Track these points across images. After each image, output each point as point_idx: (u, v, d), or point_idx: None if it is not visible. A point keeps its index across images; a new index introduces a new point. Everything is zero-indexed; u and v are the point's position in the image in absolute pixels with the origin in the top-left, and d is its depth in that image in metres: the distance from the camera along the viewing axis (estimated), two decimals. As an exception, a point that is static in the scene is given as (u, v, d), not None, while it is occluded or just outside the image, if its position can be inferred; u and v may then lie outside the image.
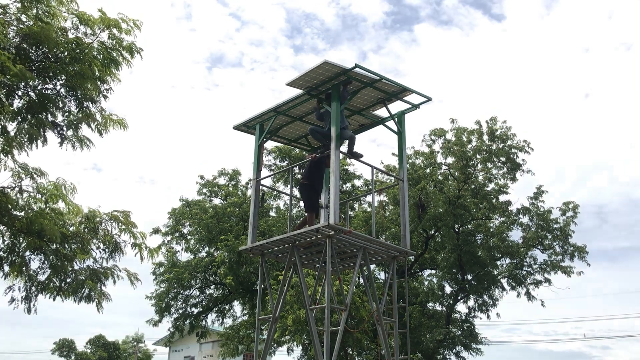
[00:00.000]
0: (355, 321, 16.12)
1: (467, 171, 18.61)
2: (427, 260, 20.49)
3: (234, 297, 20.54)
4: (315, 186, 11.34)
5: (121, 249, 8.47)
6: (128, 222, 8.41)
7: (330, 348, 10.00)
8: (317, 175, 11.27)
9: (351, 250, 11.23)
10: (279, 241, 10.93)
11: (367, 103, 11.59)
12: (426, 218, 18.58)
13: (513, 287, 19.22)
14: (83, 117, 7.72)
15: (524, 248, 18.79)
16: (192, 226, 21.07)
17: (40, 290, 7.99)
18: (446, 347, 19.81)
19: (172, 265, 20.18)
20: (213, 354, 46.57)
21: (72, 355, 54.37)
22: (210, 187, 21.69)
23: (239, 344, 20.46)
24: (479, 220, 18.94)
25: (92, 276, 8.15)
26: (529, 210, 18.88)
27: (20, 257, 7.92)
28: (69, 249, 7.93)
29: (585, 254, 18.36)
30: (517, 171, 18.51)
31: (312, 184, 11.26)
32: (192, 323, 20.86)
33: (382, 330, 10.83)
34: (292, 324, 15.79)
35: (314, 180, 11.26)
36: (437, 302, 20.18)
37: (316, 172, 11.22)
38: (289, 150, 20.03)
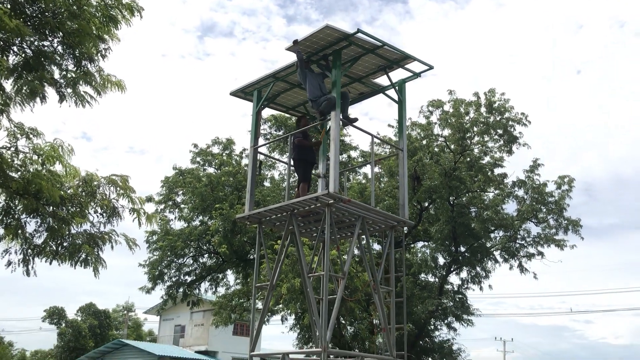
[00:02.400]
0: (349, 291, 16.16)
1: (463, 143, 18.53)
2: (420, 232, 20.53)
3: (228, 266, 20.53)
4: (309, 159, 11.37)
5: (119, 214, 8.34)
6: (126, 187, 8.25)
7: (327, 316, 10.00)
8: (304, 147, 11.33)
9: (349, 219, 11.18)
10: (277, 209, 10.84)
11: (368, 70, 11.40)
12: (421, 190, 18.55)
13: (506, 260, 19.36)
14: (81, 76, 7.48)
15: (518, 221, 18.86)
16: (185, 195, 20.93)
17: (36, 253, 7.86)
18: (438, 317, 20.00)
19: (166, 234, 20.09)
20: (204, 323, 46.90)
21: (63, 322, 54.50)
22: (204, 156, 21.49)
23: (232, 312, 20.51)
24: (474, 193, 18.95)
25: (90, 241, 8.03)
26: (524, 183, 18.90)
27: (16, 220, 7.77)
28: (67, 212, 7.78)
29: (579, 227, 18.47)
30: (513, 144, 18.47)
31: (305, 158, 11.31)
32: (185, 291, 20.86)
33: (379, 298, 10.84)
34: (286, 292, 15.82)
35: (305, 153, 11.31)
36: (430, 273, 20.30)
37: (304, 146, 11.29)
38: (285, 119, 19.83)
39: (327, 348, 9.39)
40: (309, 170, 11.64)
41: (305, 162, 11.40)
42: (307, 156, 11.36)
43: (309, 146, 11.45)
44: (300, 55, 10.24)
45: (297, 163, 11.48)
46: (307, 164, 11.48)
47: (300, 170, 11.45)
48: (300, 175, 11.47)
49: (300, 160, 11.39)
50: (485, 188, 18.94)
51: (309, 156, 11.42)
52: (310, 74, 10.51)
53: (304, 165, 11.45)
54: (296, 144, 11.21)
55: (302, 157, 11.32)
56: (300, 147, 11.26)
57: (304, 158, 11.33)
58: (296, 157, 11.40)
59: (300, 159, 11.33)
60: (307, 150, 11.40)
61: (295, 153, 11.37)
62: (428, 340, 20.44)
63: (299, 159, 11.33)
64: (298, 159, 11.35)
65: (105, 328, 56.80)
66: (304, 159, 11.32)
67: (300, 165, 11.46)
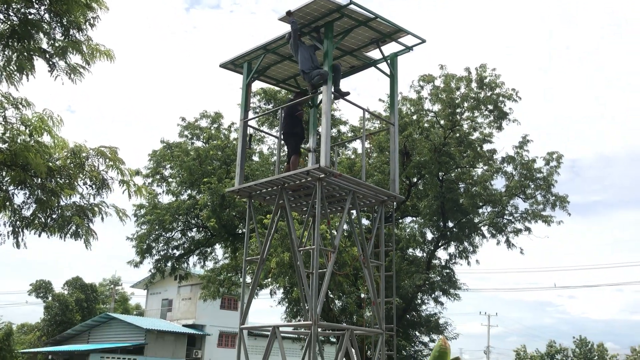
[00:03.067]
0: (338, 265, 16.23)
1: (454, 119, 18.51)
2: (408, 208, 20.61)
3: (216, 240, 20.50)
4: (298, 132, 11.34)
5: (108, 185, 8.23)
6: (115, 159, 8.13)
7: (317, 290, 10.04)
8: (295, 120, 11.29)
9: (340, 194, 11.17)
10: (267, 183, 10.80)
11: (360, 43, 11.29)
12: (410, 166, 18.56)
13: (493, 235, 19.51)
14: (70, 44, 7.28)
15: (507, 197, 18.97)
16: (173, 168, 20.75)
17: (25, 225, 7.75)
18: (425, 292, 20.20)
19: (154, 208, 19.97)
20: (191, 297, 47.06)
21: (49, 296, 54.41)
22: (192, 130, 21.26)
23: (220, 286, 20.55)
24: (463, 169, 18.99)
25: (79, 212, 7.92)
26: (513, 159, 18.97)
27: (4, 192, 7.63)
28: (55, 183, 7.66)
29: (566, 203, 18.63)
30: (503, 120, 18.47)
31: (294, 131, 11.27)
32: (173, 265, 20.83)
33: (369, 272, 10.90)
34: (275, 266, 15.86)
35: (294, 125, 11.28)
36: (418, 248, 20.43)
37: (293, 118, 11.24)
38: (274, 93, 19.63)
39: (317, 321, 9.44)
40: (299, 143, 11.62)
41: (296, 136, 11.37)
42: (298, 129, 11.32)
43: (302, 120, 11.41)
44: (296, 25, 10.09)
45: (287, 137, 11.43)
46: (298, 138, 11.45)
47: (291, 143, 11.41)
48: (291, 148, 11.42)
49: (291, 134, 11.34)
50: (475, 164, 18.99)
51: (299, 129, 11.38)
52: (302, 45, 10.38)
53: (294, 139, 11.41)
54: (297, 116, 11.14)
55: (294, 131, 11.27)
56: (292, 120, 11.19)
57: (296, 132, 11.28)
58: (287, 130, 11.33)
59: (292, 133, 11.28)
60: (298, 123, 11.35)
61: (286, 126, 11.29)
62: (415, 314, 20.68)
63: (291, 133, 11.28)
64: (290, 132, 11.30)
65: (92, 302, 56.81)
66: (295, 133, 11.28)
67: (291, 139, 11.42)
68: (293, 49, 10.42)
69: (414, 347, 20.97)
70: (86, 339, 47.38)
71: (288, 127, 11.27)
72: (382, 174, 17.88)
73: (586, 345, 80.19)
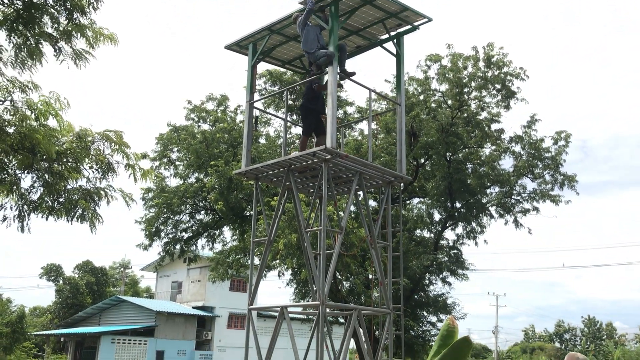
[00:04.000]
0: (345, 246, 16.26)
1: (461, 98, 18.36)
2: (416, 189, 20.56)
3: (224, 222, 20.56)
4: (317, 108, 11.11)
5: (114, 169, 8.23)
6: (121, 142, 8.13)
7: (324, 270, 10.07)
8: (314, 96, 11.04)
9: (346, 175, 11.15)
10: (274, 165, 10.79)
11: (366, 22, 11.18)
12: (417, 146, 18.48)
13: (501, 215, 19.46)
14: (74, 27, 7.23)
15: (515, 177, 18.88)
16: (180, 152, 20.76)
17: (32, 209, 7.79)
18: (433, 272, 20.23)
19: (161, 191, 20.03)
20: (201, 279, 47.43)
21: (60, 279, 54.99)
22: (198, 112, 21.22)
23: (229, 268, 20.67)
24: (471, 149, 18.89)
25: (86, 196, 7.95)
26: (521, 138, 18.83)
27: (11, 175, 7.66)
28: (63, 167, 7.67)
29: (575, 182, 18.53)
30: (511, 99, 18.31)
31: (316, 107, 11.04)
32: (182, 248, 20.95)
33: (376, 253, 10.91)
34: (283, 248, 15.90)
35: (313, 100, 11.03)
36: (426, 229, 20.43)
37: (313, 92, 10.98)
38: (280, 74, 19.53)
39: (325, 301, 9.48)
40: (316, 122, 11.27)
41: (315, 112, 11.03)
42: (318, 105, 11.01)
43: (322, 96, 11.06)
44: (313, 5, 9.89)
45: (305, 111, 11.15)
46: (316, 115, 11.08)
47: (307, 121, 11.15)
48: (306, 127, 11.22)
49: (310, 109, 11.02)
50: (482, 144, 18.88)
51: (320, 106, 11.07)
52: (308, 25, 10.26)
53: (311, 116, 11.09)
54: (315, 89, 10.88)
55: (312, 107, 11.00)
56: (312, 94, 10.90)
57: (314, 107, 11.00)
58: (308, 105, 11.04)
59: (311, 109, 11.01)
60: (319, 100, 11.06)
61: (306, 101, 11.03)
62: (423, 294, 20.73)
63: (311, 108, 11.01)
64: (310, 107, 11.02)
65: (102, 285, 57.42)
66: (314, 109, 10.99)
67: (309, 115, 11.12)
68: (300, 29, 10.28)
69: (422, 327, 21.06)
70: (97, 322, 47.96)
71: (307, 102, 11.02)
72: (389, 155, 17.82)
73: (595, 324, 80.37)
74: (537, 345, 78.06)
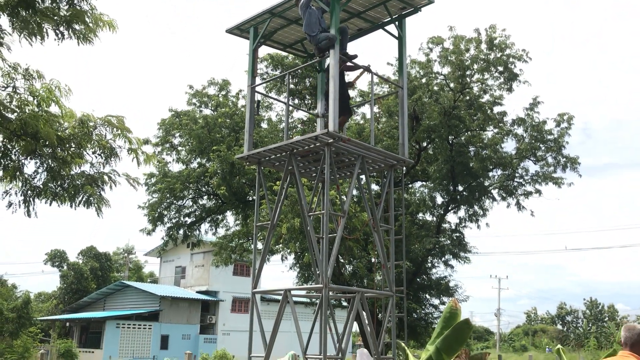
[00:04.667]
0: (348, 230, 16.32)
1: (463, 81, 18.29)
2: (418, 173, 20.57)
3: (227, 207, 20.62)
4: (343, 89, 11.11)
5: (117, 154, 8.25)
6: (123, 127, 8.14)
7: (327, 253, 10.11)
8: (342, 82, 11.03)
9: (349, 159, 11.14)
10: (277, 149, 10.78)
11: (367, 5, 11.10)
12: (420, 130, 18.45)
13: (504, 198, 19.48)
14: (74, 10, 7.20)
15: (517, 159, 18.87)
16: (182, 137, 20.77)
17: (36, 195, 7.82)
18: (435, 255, 20.30)
19: (164, 176, 20.07)
20: (204, 264, 47.67)
21: (64, 265, 55.31)
22: (199, 97, 21.18)
23: (232, 253, 20.76)
24: (473, 132, 18.86)
25: (90, 181, 7.97)
26: (523, 121, 18.78)
27: (14, 161, 7.68)
28: (66, 152, 7.69)
29: (577, 164, 18.51)
30: (513, 81, 18.23)
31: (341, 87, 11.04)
32: (185, 232, 21.03)
33: (378, 236, 10.94)
34: (286, 232, 15.96)
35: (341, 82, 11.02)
36: (428, 212, 20.46)
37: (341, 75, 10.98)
38: (281, 58, 19.45)
39: (328, 284, 9.54)
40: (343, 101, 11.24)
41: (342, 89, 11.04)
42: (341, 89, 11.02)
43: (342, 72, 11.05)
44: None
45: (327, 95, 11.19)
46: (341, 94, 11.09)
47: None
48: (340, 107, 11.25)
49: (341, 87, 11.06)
50: (485, 127, 18.84)
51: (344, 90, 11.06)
52: (309, 8, 10.20)
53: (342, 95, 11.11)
54: None
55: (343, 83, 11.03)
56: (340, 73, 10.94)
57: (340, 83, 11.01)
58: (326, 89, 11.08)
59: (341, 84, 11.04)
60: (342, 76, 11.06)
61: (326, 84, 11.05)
62: (425, 277, 20.83)
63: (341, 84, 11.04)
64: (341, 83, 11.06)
65: (106, 270, 57.75)
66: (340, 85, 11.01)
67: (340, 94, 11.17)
68: (302, 11, 10.22)
69: (425, 309, 21.20)
70: (102, 307, 48.32)
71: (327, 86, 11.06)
72: (391, 138, 17.81)
73: (597, 306, 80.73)
74: (539, 327, 78.53)
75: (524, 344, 67.49)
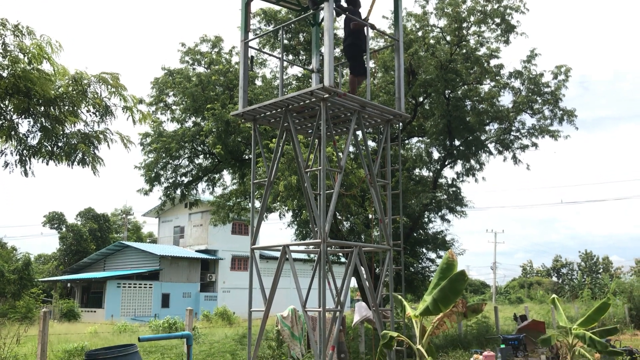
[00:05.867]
0: (344, 187, 16.36)
1: (460, 34, 18.03)
2: (414, 128, 20.48)
3: (224, 166, 20.57)
4: (362, 46, 11.02)
5: (112, 112, 8.17)
6: (118, 85, 8.03)
7: (325, 209, 10.16)
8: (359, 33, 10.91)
9: (345, 114, 11.09)
10: (272, 105, 10.71)
11: (362, -44, 10.86)
12: (416, 84, 18.27)
13: (500, 152, 19.48)
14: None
15: (514, 113, 18.78)
16: (176, 96, 20.53)
17: (32, 154, 7.78)
18: (432, 210, 20.41)
19: (159, 136, 19.94)
20: (202, 223, 47.98)
21: (63, 227, 55.59)
22: (192, 55, 20.86)
23: (230, 212, 20.82)
24: (470, 85, 18.70)
25: (85, 140, 7.92)
26: (520, 73, 18.62)
27: (8, 121, 7.61)
28: (59, 111, 7.61)
29: (574, 117, 18.46)
30: (510, 33, 17.99)
31: (358, 44, 10.94)
32: (182, 192, 21.04)
33: (375, 191, 10.99)
34: (283, 189, 15.98)
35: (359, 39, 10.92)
36: (425, 167, 20.49)
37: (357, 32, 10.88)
38: (274, 13, 19.10)
39: (326, 239, 9.62)
40: (360, 60, 11.13)
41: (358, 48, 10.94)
42: (359, 40, 10.90)
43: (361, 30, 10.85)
44: None
45: (347, 48, 11.13)
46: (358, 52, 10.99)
47: (351, 60, 11.15)
48: (352, 66, 11.24)
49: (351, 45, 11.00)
50: (481, 80, 18.67)
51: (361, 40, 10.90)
52: None
53: (353, 51, 11.03)
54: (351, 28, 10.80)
55: (354, 41, 10.87)
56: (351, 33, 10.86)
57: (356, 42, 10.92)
58: (350, 41, 11.01)
59: (351, 44, 10.96)
60: (360, 34, 10.87)
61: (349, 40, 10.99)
62: (422, 232, 21.00)
63: (351, 44, 10.98)
64: (350, 43, 10.99)
65: (105, 231, 58.13)
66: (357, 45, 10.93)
67: (350, 50, 11.09)
68: None
69: (421, 263, 21.46)
70: (102, 267, 48.83)
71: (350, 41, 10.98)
72: (387, 94, 17.66)
73: (591, 258, 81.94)
74: (534, 280, 79.83)
75: (520, 296, 68.77)
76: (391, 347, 8.75)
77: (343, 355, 13.91)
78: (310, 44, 12.89)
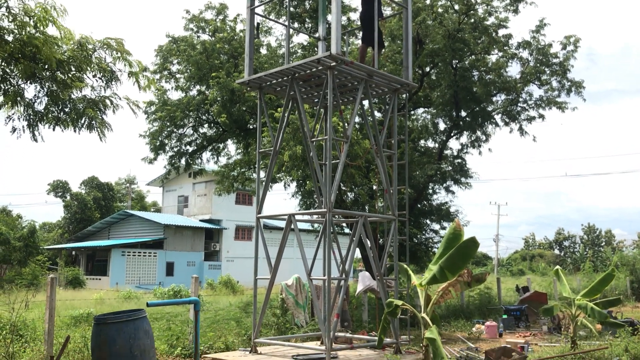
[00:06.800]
0: (350, 157, 16.32)
1: (469, 2, 17.75)
2: (420, 99, 20.33)
3: (228, 135, 20.52)
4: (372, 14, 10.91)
5: (117, 77, 8.10)
6: (123, 50, 7.95)
7: (330, 178, 10.14)
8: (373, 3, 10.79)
9: (352, 83, 10.99)
10: (278, 73, 10.61)
11: None
12: (423, 54, 18.06)
13: (506, 123, 19.35)
14: None
15: (521, 83, 18.59)
16: (180, 64, 20.38)
17: (39, 119, 7.75)
18: (436, 182, 20.39)
19: (164, 104, 19.85)
20: (206, 193, 48.13)
21: (67, 195, 55.84)
22: (197, 22, 20.63)
23: (234, 182, 20.83)
24: (478, 55, 18.48)
25: (91, 105, 7.87)
26: (529, 44, 18.36)
27: (14, 86, 7.55)
28: (65, 75, 7.54)
29: (582, 88, 18.27)
30: (519, 2, 17.70)
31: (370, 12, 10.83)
32: (187, 161, 21.04)
33: (381, 162, 10.95)
34: (288, 159, 15.95)
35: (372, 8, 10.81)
36: (430, 139, 20.39)
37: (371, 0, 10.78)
38: (280, -21, 18.81)
39: (331, 208, 9.63)
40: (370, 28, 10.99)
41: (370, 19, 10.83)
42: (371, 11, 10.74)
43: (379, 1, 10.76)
44: None
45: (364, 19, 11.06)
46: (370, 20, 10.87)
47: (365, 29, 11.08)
48: (364, 35, 11.15)
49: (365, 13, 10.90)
50: (489, 50, 18.44)
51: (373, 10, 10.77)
52: None
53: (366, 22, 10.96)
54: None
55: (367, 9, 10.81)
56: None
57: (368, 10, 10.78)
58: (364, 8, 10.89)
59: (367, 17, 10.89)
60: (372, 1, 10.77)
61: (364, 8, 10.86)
62: (426, 203, 21.00)
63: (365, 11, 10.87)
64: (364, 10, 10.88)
65: (109, 200, 58.37)
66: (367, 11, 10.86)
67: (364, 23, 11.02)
68: None
69: (425, 234, 21.51)
70: (107, 235, 49.18)
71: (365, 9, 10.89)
72: (394, 63, 17.48)
73: (594, 231, 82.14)
74: (537, 252, 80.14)
75: (522, 268, 69.17)
76: (395, 315, 8.82)
77: (346, 323, 14.07)
78: (317, 11, 12.71)
